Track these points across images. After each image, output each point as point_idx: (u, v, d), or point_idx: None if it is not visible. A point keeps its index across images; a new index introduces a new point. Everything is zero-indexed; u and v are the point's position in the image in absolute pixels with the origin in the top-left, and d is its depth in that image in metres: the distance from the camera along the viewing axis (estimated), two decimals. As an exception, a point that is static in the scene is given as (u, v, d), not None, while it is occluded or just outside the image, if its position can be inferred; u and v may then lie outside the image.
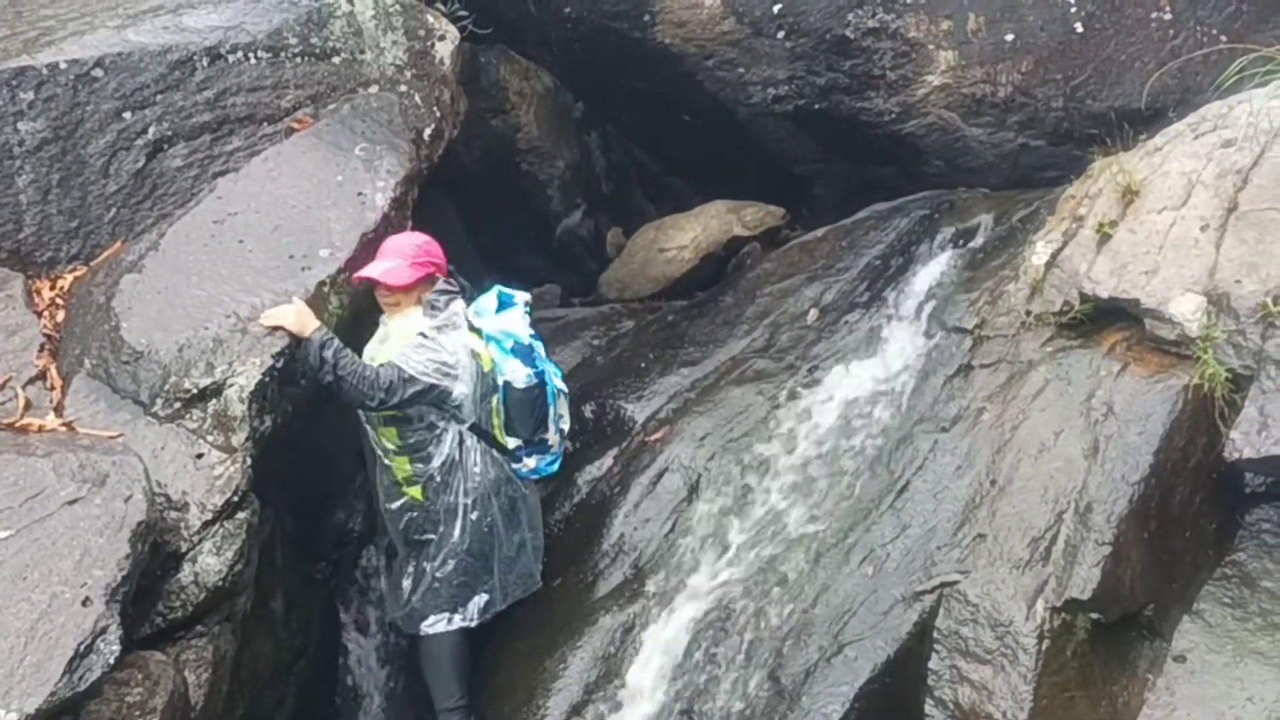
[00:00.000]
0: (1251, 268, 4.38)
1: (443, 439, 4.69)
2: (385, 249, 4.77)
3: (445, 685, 4.80)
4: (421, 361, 4.58)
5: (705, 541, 4.88)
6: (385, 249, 4.77)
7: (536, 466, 5.02)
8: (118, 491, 3.88)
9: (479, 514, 4.74)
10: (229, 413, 4.39)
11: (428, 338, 4.64)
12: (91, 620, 3.58)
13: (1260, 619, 4.04)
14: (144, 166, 5.12)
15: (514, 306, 5.01)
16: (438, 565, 4.75)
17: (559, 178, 7.07)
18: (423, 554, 4.78)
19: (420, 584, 4.78)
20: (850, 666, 4.19)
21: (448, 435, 4.70)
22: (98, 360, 4.53)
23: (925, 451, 4.67)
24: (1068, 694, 4.02)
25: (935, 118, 6.24)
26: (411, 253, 4.74)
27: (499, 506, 4.80)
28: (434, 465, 4.69)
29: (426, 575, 4.77)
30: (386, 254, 4.74)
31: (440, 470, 4.70)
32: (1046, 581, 4.12)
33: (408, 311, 4.73)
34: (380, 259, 4.74)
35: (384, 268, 4.70)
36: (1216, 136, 4.81)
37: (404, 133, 5.35)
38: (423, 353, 4.60)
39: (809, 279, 5.95)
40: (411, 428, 4.68)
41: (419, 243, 4.81)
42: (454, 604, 4.77)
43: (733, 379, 5.48)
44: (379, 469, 4.82)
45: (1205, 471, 4.29)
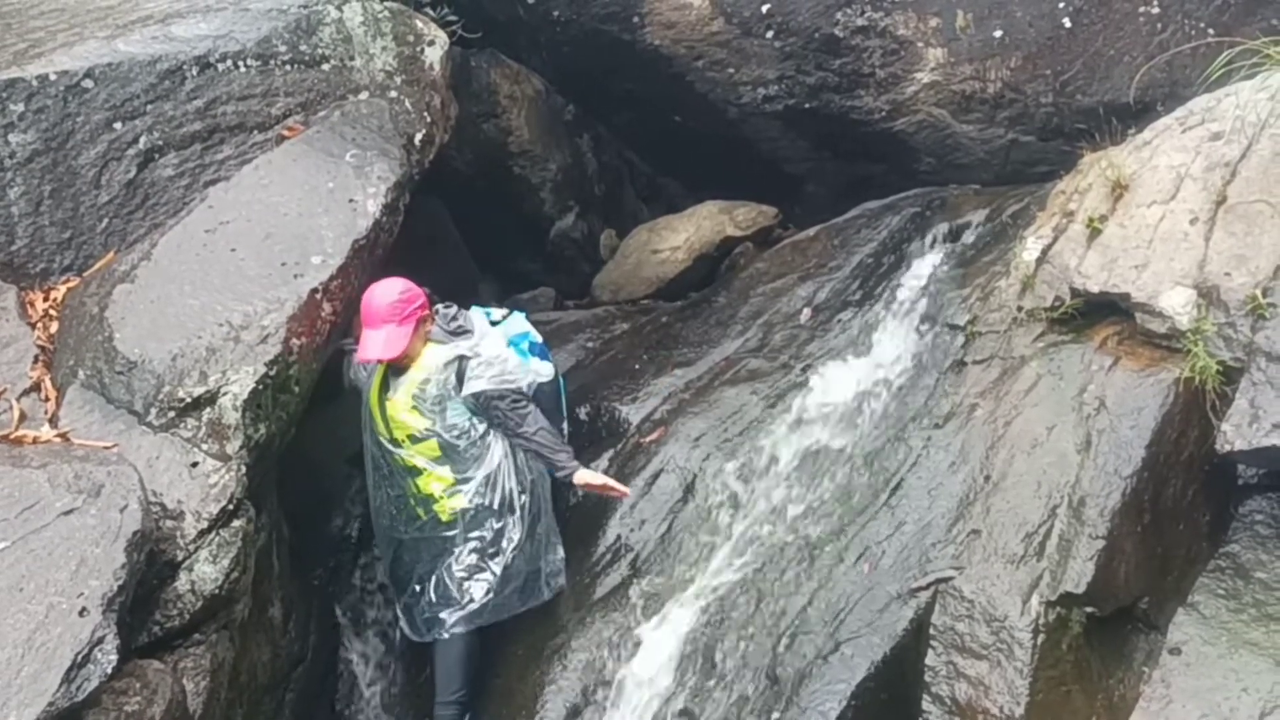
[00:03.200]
0: (1240, 260, 4.40)
1: (494, 443, 4.83)
2: (369, 315, 4.74)
3: (453, 678, 4.81)
4: (505, 374, 4.79)
5: (701, 542, 4.88)
6: (369, 315, 4.74)
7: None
8: (113, 501, 3.89)
9: (531, 501, 4.88)
10: (223, 421, 4.39)
11: (477, 358, 4.79)
12: (89, 630, 3.59)
13: (1254, 610, 4.06)
14: (135, 176, 5.12)
15: (510, 317, 5.14)
16: (507, 558, 4.81)
17: (551, 180, 7.07)
18: (490, 551, 4.81)
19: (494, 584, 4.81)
20: (847, 664, 4.20)
21: (497, 438, 4.83)
22: (92, 371, 4.54)
23: (919, 448, 4.68)
24: (1064, 688, 4.03)
25: (925, 115, 6.26)
26: (395, 311, 4.73)
27: (544, 497, 4.95)
28: (491, 467, 4.81)
29: (499, 570, 4.80)
30: (373, 321, 4.73)
31: (495, 471, 4.81)
32: (1041, 576, 4.13)
33: (424, 353, 4.82)
34: (369, 328, 4.73)
35: (380, 342, 4.71)
36: (1205, 130, 4.82)
37: (395, 138, 5.36)
38: (493, 369, 4.78)
39: (802, 278, 5.96)
40: (463, 440, 4.79)
41: (396, 297, 4.76)
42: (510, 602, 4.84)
43: (727, 379, 5.49)
44: (405, 489, 4.86)
45: (1198, 464, 4.30)
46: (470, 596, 4.79)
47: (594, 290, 7.07)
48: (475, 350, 4.82)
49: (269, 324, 4.58)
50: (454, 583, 4.80)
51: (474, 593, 4.79)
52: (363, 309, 4.76)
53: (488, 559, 4.80)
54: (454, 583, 4.80)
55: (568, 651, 4.72)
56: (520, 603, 4.85)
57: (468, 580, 4.80)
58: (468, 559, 4.81)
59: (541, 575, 4.88)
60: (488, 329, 4.96)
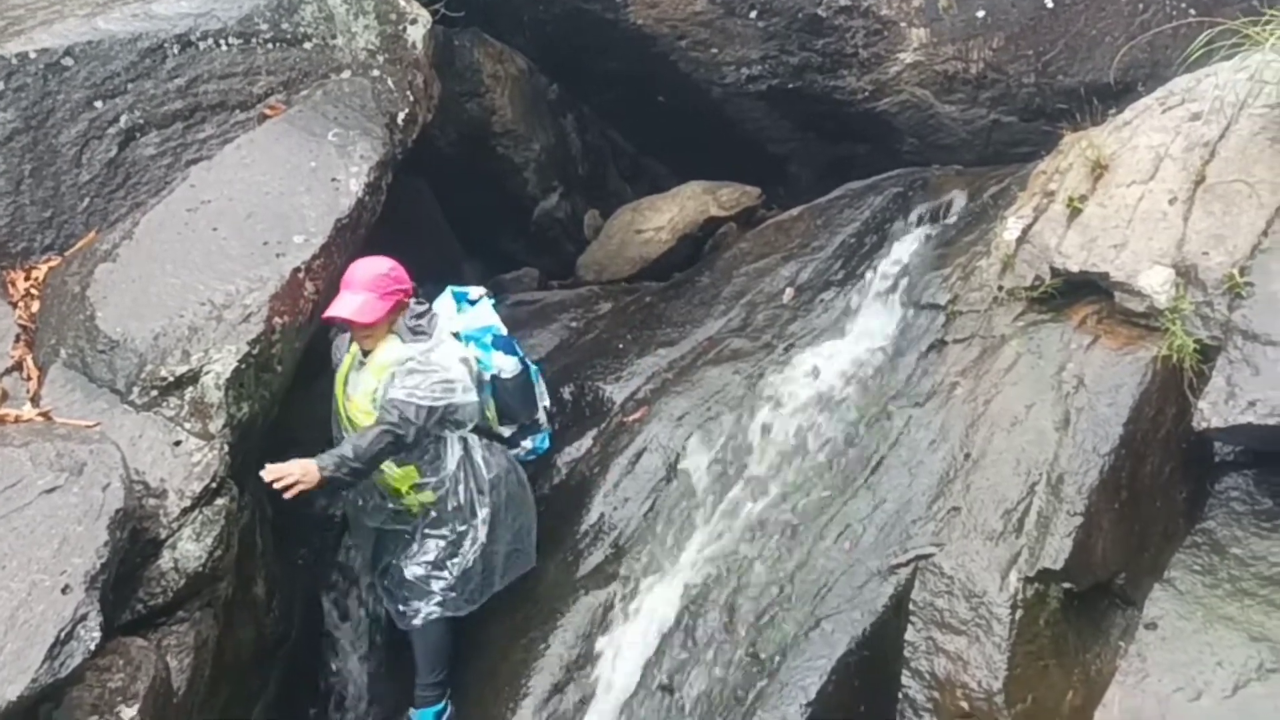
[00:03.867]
0: (1218, 239, 4.43)
1: (450, 445, 4.73)
2: (351, 279, 4.62)
3: (432, 661, 4.84)
4: (425, 388, 4.57)
5: (684, 520, 4.91)
6: (351, 279, 4.62)
7: (533, 447, 5.19)
8: (95, 480, 3.91)
9: (491, 505, 4.80)
10: (206, 400, 4.40)
11: (420, 362, 4.61)
12: (71, 607, 3.61)
13: (1229, 585, 4.09)
14: (116, 155, 5.11)
15: (478, 303, 5.04)
16: (466, 561, 4.78)
17: (535, 160, 7.07)
18: (447, 553, 4.78)
19: (452, 583, 4.79)
20: (828, 640, 4.23)
21: (452, 440, 4.74)
22: (73, 350, 4.54)
23: (900, 427, 4.71)
24: (1041, 662, 4.07)
25: (908, 95, 6.27)
26: (379, 283, 4.60)
27: (508, 494, 4.87)
28: (447, 471, 4.72)
29: (456, 572, 4.78)
30: (353, 285, 4.60)
31: (453, 474, 4.73)
32: (1019, 552, 4.17)
33: (384, 343, 4.66)
34: (347, 290, 4.60)
35: (354, 305, 4.55)
36: (1184, 110, 4.85)
37: (377, 117, 5.35)
38: (418, 378, 4.57)
39: (785, 258, 5.98)
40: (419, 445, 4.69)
41: (384, 270, 4.65)
42: (473, 596, 4.82)
43: (710, 359, 5.51)
44: (372, 484, 4.80)
45: (1175, 441, 4.34)
46: (431, 590, 4.79)
47: (578, 270, 7.08)
48: (422, 357, 4.62)
49: (251, 303, 4.59)
50: (417, 576, 4.78)
51: (434, 587, 4.79)
52: (348, 273, 4.64)
53: (446, 560, 4.77)
54: (417, 576, 4.78)
55: (550, 629, 4.74)
56: (483, 594, 4.84)
57: (429, 575, 4.78)
58: (430, 554, 4.78)
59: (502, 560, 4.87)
60: (445, 337, 4.75)
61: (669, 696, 4.39)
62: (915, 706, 4.08)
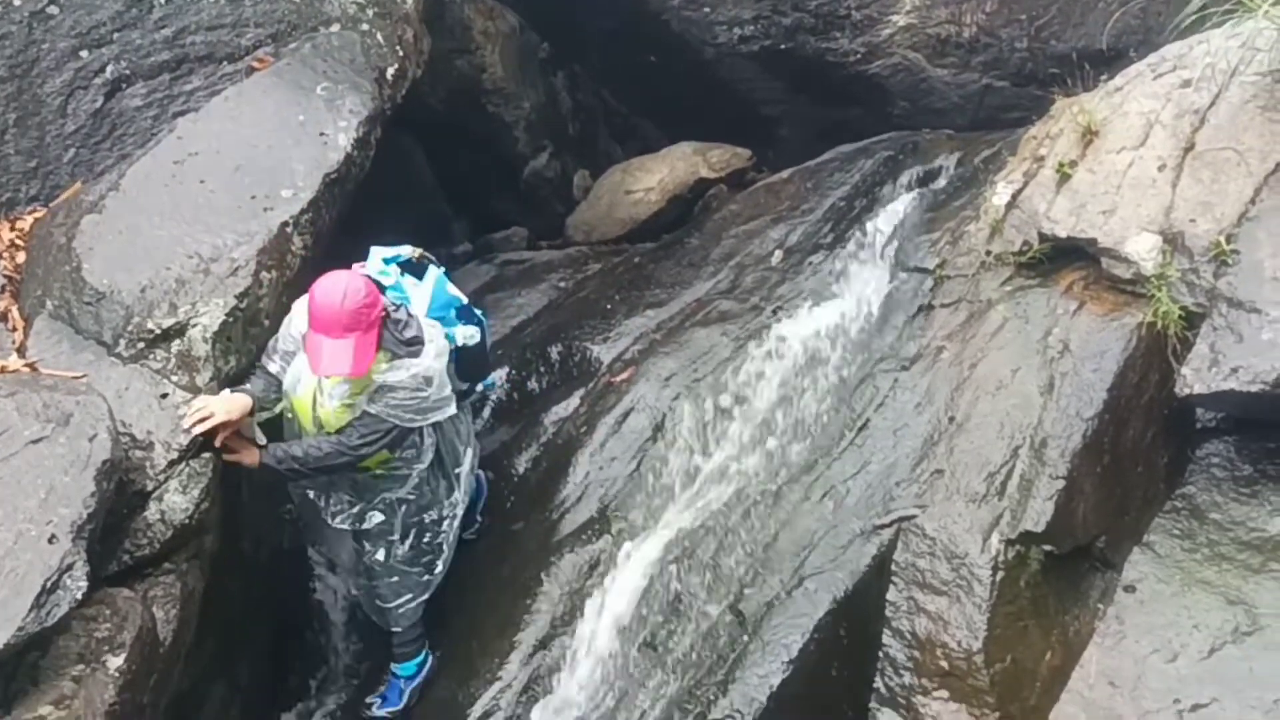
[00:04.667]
0: (1206, 207, 4.44)
1: (424, 434, 4.61)
2: (329, 319, 4.16)
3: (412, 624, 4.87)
4: (408, 409, 4.38)
5: (669, 480, 4.94)
6: (329, 319, 4.16)
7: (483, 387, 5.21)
8: (82, 431, 3.90)
9: (464, 481, 4.80)
10: (193, 353, 4.39)
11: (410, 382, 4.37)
12: (58, 557, 3.62)
13: (1208, 549, 4.14)
14: (102, 106, 5.06)
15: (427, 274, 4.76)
16: (448, 541, 4.78)
17: (525, 119, 7.03)
18: (429, 539, 4.75)
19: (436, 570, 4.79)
20: (810, 599, 4.27)
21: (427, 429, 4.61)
22: (60, 301, 4.51)
23: (886, 389, 4.73)
24: (1021, 623, 4.12)
25: (900, 58, 6.25)
26: (360, 317, 4.18)
27: (474, 452, 4.88)
28: (423, 463, 4.65)
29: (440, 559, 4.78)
30: (333, 329, 4.16)
31: (431, 461, 4.68)
32: (1001, 515, 4.21)
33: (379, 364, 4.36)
34: (328, 336, 4.17)
35: (348, 356, 4.17)
36: (1176, 77, 4.84)
37: (366, 72, 5.31)
38: (403, 394, 4.35)
39: (774, 220, 5.98)
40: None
41: (360, 300, 4.20)
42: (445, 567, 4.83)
43: (698, 320, 5.52)
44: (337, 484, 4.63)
45: (1158, 407, 4.37)
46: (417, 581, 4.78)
47: (567, 230, 7.06)
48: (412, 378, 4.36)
49: (239, 256, 4.58)
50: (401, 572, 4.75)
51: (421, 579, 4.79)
52: (320, 312, 4.19)
53: (430, 543, 4.75)
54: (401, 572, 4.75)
55: (536, 585, 4.77)
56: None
57: (411, 569, 4.76)
58: (410, 543, 4.73)
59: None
60: (434, 334, 4.50)
61: (653, 653, 4.43)
62: (896, 665, 4.13)
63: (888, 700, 4.10)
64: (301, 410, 4.48)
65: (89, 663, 3.68)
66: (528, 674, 4.54)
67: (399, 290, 4.59)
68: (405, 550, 4.73)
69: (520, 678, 4.55)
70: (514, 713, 4.45)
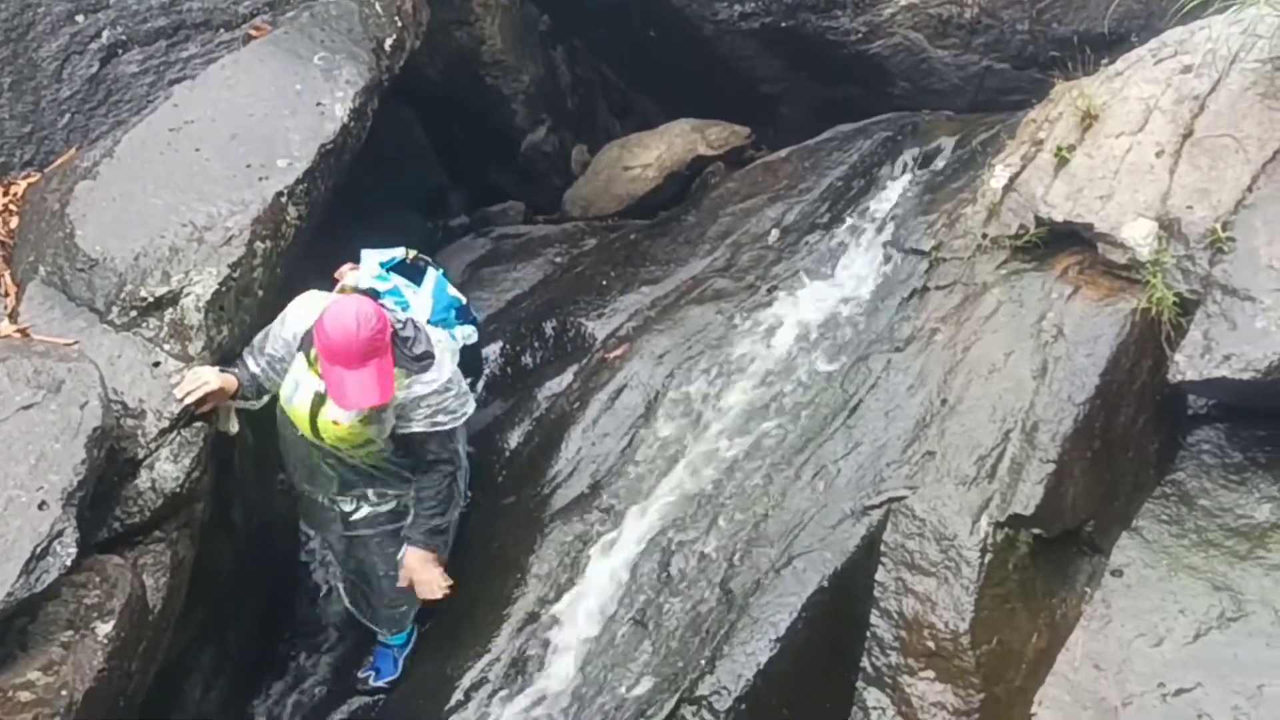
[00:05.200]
0: (1203, 194, 4.43)
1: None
2: (347, 351, 4.09)
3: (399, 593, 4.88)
4: (444, 414, 4.42)
5: (661, 457, 4.94)
6: (347, 351, 4.09)
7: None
8: (73, 398, 3.90)
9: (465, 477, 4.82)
10: (186, 322, 4.39)
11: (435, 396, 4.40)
12: (48, 523, 3.63)
13: (1195, 535, 4.16)
14: (98, 72, 5.04)
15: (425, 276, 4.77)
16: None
17: (524, 92, 6.98)
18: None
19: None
20: (799, 578, 4.28)
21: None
22: (52, 267, 4.50)
23: (879, 371, 4.73)
24: (1008, 605, 4.13)
25: (901, 38, 6.22)
26: (374, 342, 4.13)
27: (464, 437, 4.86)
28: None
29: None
30: (351, 359, 4.10)
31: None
32: (991, 498, 4.21)
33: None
34: (348, 368, 4.11)
35: (374, 385, 4.13)
36: (1176, 62, 4.82)
37: (364, 42, 5.27)
38: (436, 400, 4.39)
39: (771, 199, 5.97)
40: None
41: (372, 327, 4.14)
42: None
43: (693, 298, 5.52)
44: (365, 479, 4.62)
45: (1149, 393, 4.38)
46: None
47: (564, 205, 7.04)
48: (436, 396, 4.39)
49: (233, 225, 4.56)
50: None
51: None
52: (335, 344, 4.10)
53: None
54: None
55: (525, 561, 4.78)
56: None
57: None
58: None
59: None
60: (440, 341, 4.49)
61: (641, 629, 4.45)
62: (883, 645, 4.15)
63: (874, 679, 4.12)
64: (298, 419, 4.43)
65: (78, 629, 3.69)
66: (516, 647, 4.56)
67: (397, 295, 4.58)
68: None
69: (509, 651, 4.56)
70: (502, 685, 4.47)
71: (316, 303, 4.41)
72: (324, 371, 4.22)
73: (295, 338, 4.37)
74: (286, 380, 4.41)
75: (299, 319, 4.40)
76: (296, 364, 4.37)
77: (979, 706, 4.00)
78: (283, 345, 4.41)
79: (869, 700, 4.11)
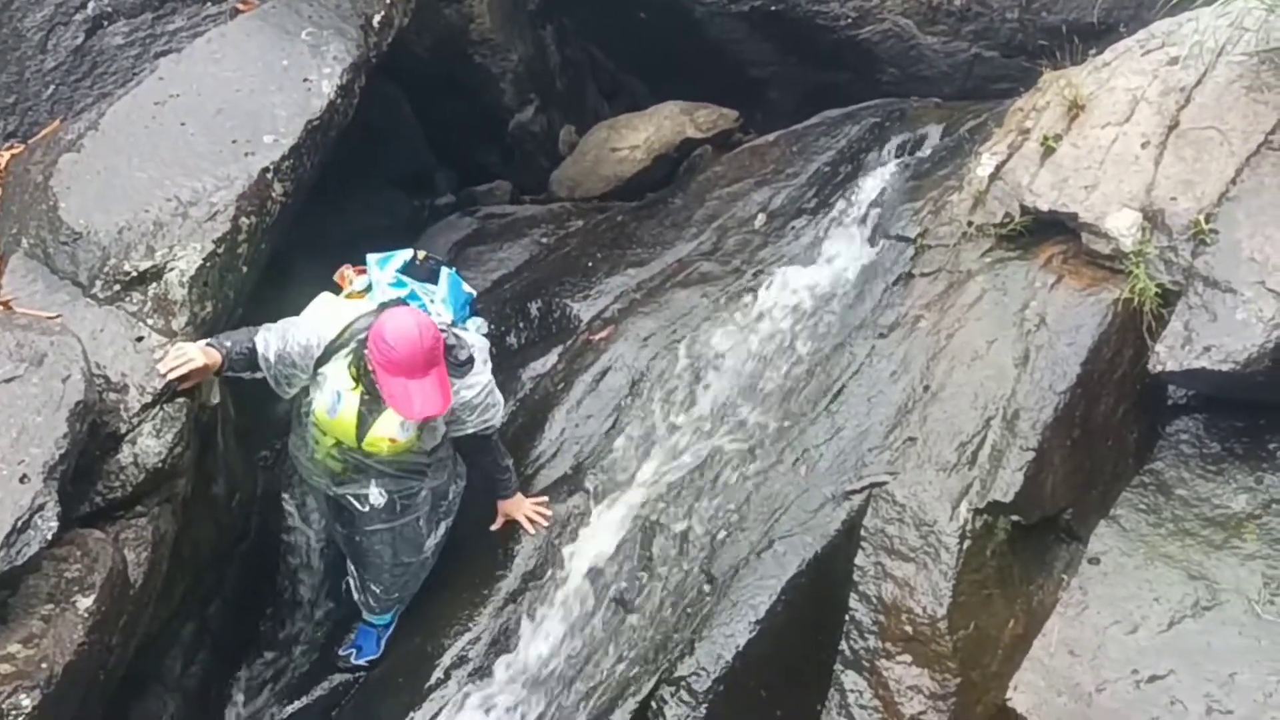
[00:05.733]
0: (1188, 185, 4.46)
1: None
2: (408, 362, 4.09)
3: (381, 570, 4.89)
4: (491, 414, 4.53)
5: (644, 439, 4.95)
6: (408, 362, 4.09)
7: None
8: (56, 371, 3.88)
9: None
10: (169, 297, 4.37)
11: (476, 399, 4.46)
12: (29, 497, 3.61)
13: (1172, 524, 4.20)
14: (83, 43, 5.01)
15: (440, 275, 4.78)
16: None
17: (512, 72, 6.96)
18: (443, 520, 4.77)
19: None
20: (779, 561, 4.30)
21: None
22: (35, 240, 4.48)
23: (862, 356, 4.75)
24: (986, 591, 4.17)
25: (891, 24, 6.22)
26: (435, 353, 4.17)
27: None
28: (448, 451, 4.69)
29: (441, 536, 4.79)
30: (415, 369, 4.10)
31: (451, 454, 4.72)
32: (971, 484, 4.25)
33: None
34: (414, 377, 4.10)
35: (436, 393, 4.16)
36: (1163, 54, 4.84)
37: (352, 19, 5.25)
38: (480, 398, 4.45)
39: (759, 183, 5.97)
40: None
41: (434, 334, 4.18)
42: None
43: (678, 281, 5.52)
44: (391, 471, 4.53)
45: (1130, 383, 4.41)
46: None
47: (551, 186, 7.03)
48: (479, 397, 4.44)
49: (218, 201, 4.55)
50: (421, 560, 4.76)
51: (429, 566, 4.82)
52: (400, 355, 4.09)
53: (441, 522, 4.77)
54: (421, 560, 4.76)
55: (508, 540, 4.79)
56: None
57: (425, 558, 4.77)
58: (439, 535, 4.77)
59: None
60: (476, 343, 4.51)
61: (622, 609, 4.47)
62: (861, 629, 4.18)
63: (852, 663, 4.16)
64: (340, 430, 4.36)
65: (59, 603, 3.68)
66: (497, 626, 4.57)
67: (416, 299, 4.57)
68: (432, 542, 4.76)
69: (490, 629, 4.57)
70: (482, 664, 4.49)
71: (337, 309, 4.38)
72: (384, 383, 4.15)
73: (317, 343, 4.30)
74: (323, 392, 4.32)
75: (322, 324, 4.33)
76: (337, 376, 4.30)
77: (955, 691, 4.04)
78: (299, 349, 4.31)
79: (847, 683, 4.15)
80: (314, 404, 4.37)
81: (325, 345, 4.31)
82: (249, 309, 4.79)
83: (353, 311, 4.38)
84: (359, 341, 4.27)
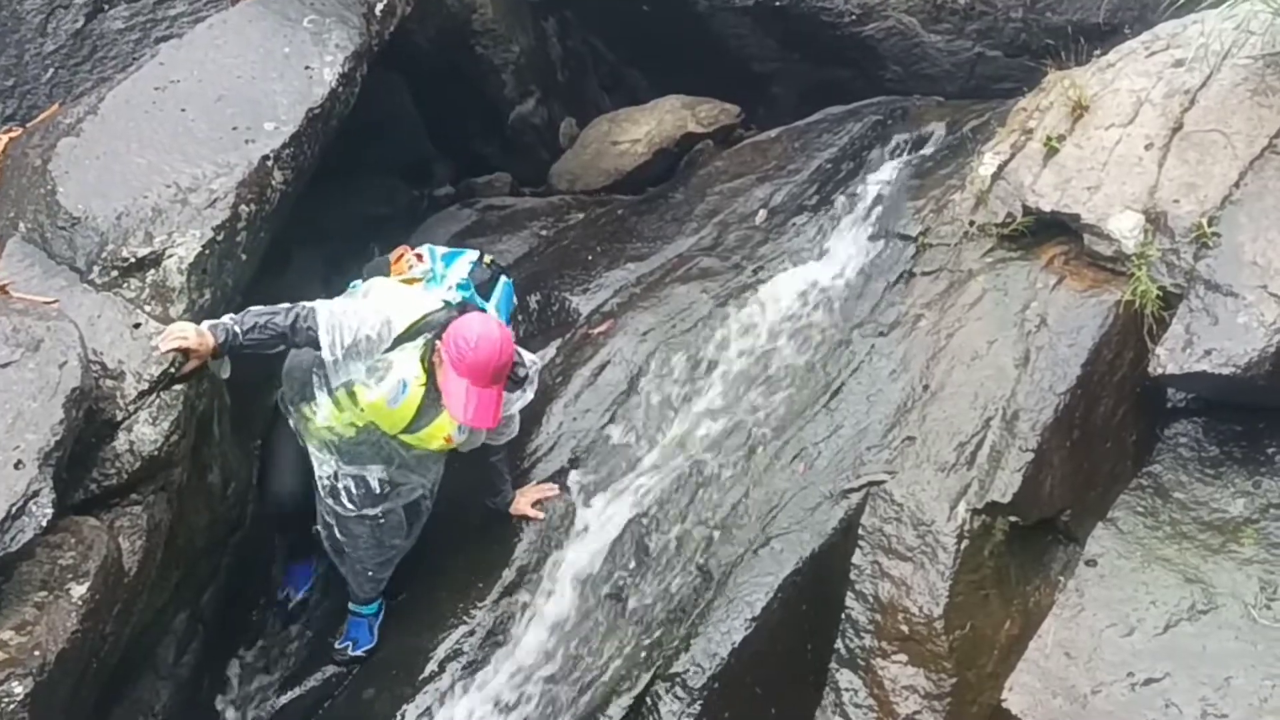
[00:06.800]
0: (1190, 188, 4.45)
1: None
2: (483, 369, 4.13)
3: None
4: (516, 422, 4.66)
5: (642, 434, 4.94)
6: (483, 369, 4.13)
7: None
8: (52, 357, 3.85)
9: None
10: (167, 284, 4.35)
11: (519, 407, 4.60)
12: (24, 483, 3.59)
13: (1169, 527, 4.21)
14: (83, 27, 4.98)
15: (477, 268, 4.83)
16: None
17: (514, 63, 6.93)
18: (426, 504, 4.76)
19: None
20: (776, 559, 4.30)
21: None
22: (33, 224, 4.45)
23: (862, 355, 4.75)
24: (982, 592, 4.17)
25: (895, 22, 6.21)
26: (506, 369, 4.25)
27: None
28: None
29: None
30: (483, 377, 4.14)
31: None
32: (969, 484, 4.24)
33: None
34: (479, 384, 4.15)
35: (490, 409, 4.22)
36: (1168, 55, 4.84)
37: (354, 6, 5.22)
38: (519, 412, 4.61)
39: (760, 179, 5.95)
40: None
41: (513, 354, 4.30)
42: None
43: (678, 276, 5.50)
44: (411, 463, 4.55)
45: (1130, 385, 4.41)
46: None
47: (551, 178, 7.00)
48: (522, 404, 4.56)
49: (218, 188, 4.52)
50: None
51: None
52: (478, 359, 4.13)
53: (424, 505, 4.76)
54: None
55: (504, 534, 4.78)
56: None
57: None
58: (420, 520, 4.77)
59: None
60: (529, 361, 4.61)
61: (618, 605, 4.46)
62: (857, 627, 4.18)
63: (847, 661, 4.16)
64: (392, 419, 4.33)
65: (52, 590, 3.66)
66: (492, 620, 4.56)
67: (482, 308, 4.60)
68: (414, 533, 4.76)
69: (485, 624, 4.56)
70: (477, 658, 4.47)
71: (404, 299, 4.36)
72: (446, 378, 4.17)
73: (388, 335, 4.24)
74: (387, 379, 4.26)
75: (393, 314, 4.26)
76: (404, 365, 4.26)
77: (950, 691, 4.04)
78: (366, 341, 4.22)
79: (842, 681, 4.14)
80: (366, 389, 4.27)
81: (396, 337, 4.27)
82: (247, 297, 4.76)
83: (423, 306, 4.35)
84: (434, 333, 4.26)
